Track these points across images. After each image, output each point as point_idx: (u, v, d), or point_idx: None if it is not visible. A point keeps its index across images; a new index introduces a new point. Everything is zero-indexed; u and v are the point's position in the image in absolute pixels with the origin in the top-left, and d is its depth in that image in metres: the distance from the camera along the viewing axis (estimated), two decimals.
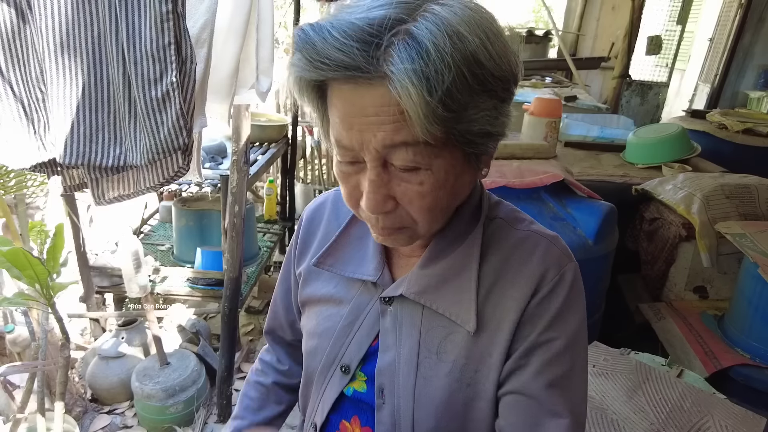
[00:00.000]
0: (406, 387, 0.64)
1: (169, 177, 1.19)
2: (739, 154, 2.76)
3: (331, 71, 0.49)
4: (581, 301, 0.64)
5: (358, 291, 0.71)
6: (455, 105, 0.49)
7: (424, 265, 0.65)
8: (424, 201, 0.55)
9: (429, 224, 0.59)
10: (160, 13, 1.00)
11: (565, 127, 3.01)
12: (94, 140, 1.12)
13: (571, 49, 5.83)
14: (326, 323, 0.72)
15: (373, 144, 0.52)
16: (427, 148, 0.52)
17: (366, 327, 0.69)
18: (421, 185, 0.54)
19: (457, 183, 0.57)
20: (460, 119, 0.50)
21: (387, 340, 0.66)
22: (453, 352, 0.63)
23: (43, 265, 1.50)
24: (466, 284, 0.63)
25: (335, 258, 0.72)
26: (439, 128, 0.49)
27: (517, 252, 0.64)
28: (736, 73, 4.98)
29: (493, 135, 0.55)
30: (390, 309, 0.66)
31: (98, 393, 2.22)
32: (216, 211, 2.60)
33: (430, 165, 0.53)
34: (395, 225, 0.58)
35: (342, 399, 0.71)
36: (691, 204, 1.99)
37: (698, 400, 1.34)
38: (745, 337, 1.75)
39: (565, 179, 1.81)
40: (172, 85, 1.05)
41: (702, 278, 2.08)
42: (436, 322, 0.64)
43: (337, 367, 0.70)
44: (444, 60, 0.46)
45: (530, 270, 0.62)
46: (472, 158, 0.57)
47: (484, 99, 0.51)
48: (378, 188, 0.55)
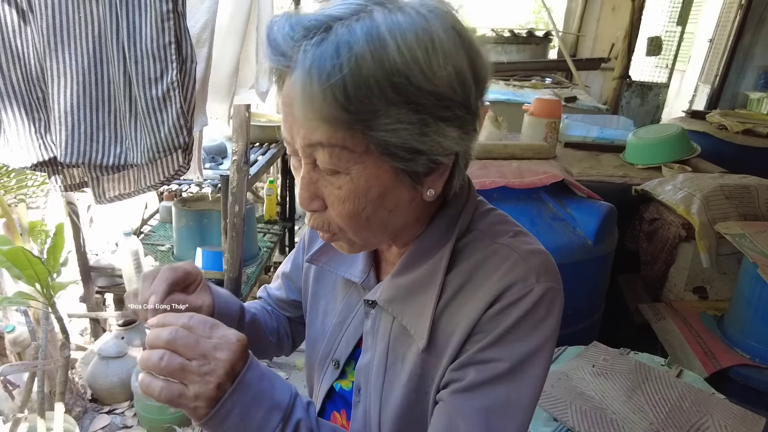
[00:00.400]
0: (376, 389, 0.65)
1: (170, 176, 1.19)
2: (739, 154, 2.77)
3: (273, 58, 0.50)
4: (544, 328, 0.56)
5: (349, 291, 0.73)
6: (354, 106, 0.47)
7: (395, 275, 0.64)
8: (343, 207, 0.54)
9: (357, 233, 0.57)
10: (160, 12, 1.01)
11: (564, 128, 3.01)
12: (94, 139, 1.13)
13: (571, 50, 5.84)
14: (325, 317, 0.75)
15: (297, 141, 0.52)
16: (344, 152, 0.50)
17: (353, 327, 0.70)
18: (339, 189, 0.53)
19: (387, 198, 0.54)
20: (370, 125, 0.48)
21: (367, 342, 0.67)
22: (411, 362, 0.62)
23: (43, 265, 1.51)
24: (429, 298, 0.60)
25: (329, 256, 0.73)
26: (332, 127, 0.48)
27: (484, 265, 0.59)
28: (736, 74, 4.99)
29: (422, 152, 0.51)
30: (372, 312, 0.67)
31: (98, 393, 2.22)
32: (216, 212, 2.60)
33: (349, 170, 0.51)
34: (323, 227, 0.58)
35: (332, 393, 0.74)
36: (690, 204, 1.99)
37: (697, 399, 1.34)
38: (744, 337, 1.76)
39: (565, 179, 1.81)
40: (173, 84, 1.05)
41: (702, 279, 2.08)
42: (401, 332, 0.64)
43: (331, 362, 0.73)
44: (348, 55, 0.45)
45: (491, 285, 0.57)
46: (404, 174, 0.53)
47: (403, 110, 0.48)
48: (306, 185, 0.55)
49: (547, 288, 0.56)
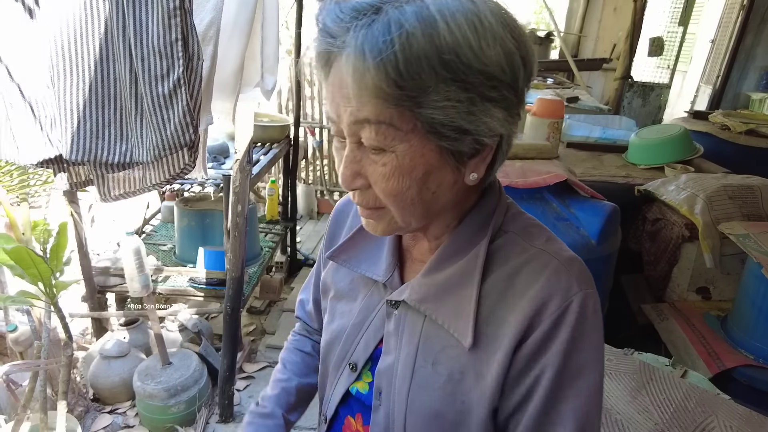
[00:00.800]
0: (401, 393, 0.63)
1: (175, 174, 1.19)
2: (741, 155, 2.76)
3: (323, 41, 0.51)
4: (596, 335, 0.58)
5: (369, 290, 0.71)
6: (405, 82, 0.48)
7: (427, 273, 0.64)
8: (387, 184, 0.55)
9: (401, 212, 0.57)
10: (167, 9, 1.00)
11: (567, 128, 3.01)
12: (100, 137, 1.12)
13: (572, 51, 5.83)
14: (341, 320, 0.73)
15: (344, 118, 0.53)
16: (390, 129, 0.51)
17: (373, 328, 0.69)
18: (384, 167, 0.54)
19: (429, 178, 0.55)
20: (419, 101, 0.49)
21: (389, 344, 0.66)
22: (448, 365, 0.61)
23: (46, 264, 1.51)
24: (466, 297, 0.60)
25: (349, 254, 0.73)
26: (390, 102, 0.49)
27: (524, 271, 0.59)
28: (738, 75, 4.98)
29: (468, 132, 0.52)
30: (395, 312, 0.66)
31: (100, 392, 2.22)
32: (218, 211, 2.60)
33: (394, 148, 0.53)
34: (369, 204, 0.58)
35: (347, 397, 0.72)
36: (694, 204, 1.99)
37: (702, 400, 1.33)
38: (748, 338, 1.75)
39: (569, 179, 1.81)
40: (179, 81, 1.05)
41: (705, 279, 2.07)
42: (434, 332, 0.63)
43: (347, 365, 0.71)
44: (401, 32, 0.47)
45: (533, 294, 0.57)
46: (448, 155, 0.54)
47: (453, 88, 0.49)
48: (350, 163, 0.56)
49: (585, 295, 0.57)
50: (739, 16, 4.81)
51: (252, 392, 2.38)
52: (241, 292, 2.15)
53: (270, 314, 3.01)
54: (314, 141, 4.36)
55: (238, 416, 2.22)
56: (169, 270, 2.56)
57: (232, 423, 2.18)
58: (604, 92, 5.71)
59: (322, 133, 4.35)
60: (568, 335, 0.56)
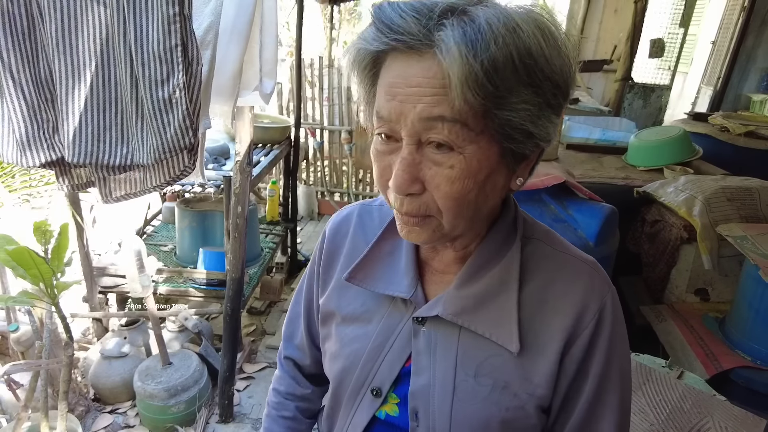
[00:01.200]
0: (442, 410, 0.62)
1: (175, 176, 1.20)
2: (740, 156, 2.76)
3: (390, 38, 0.51)
4: (624, 327, 0.64)
5: (388, 309, 0.68)
6: (498, 81, 0.49)
7: (460, 285, 0.63)
8: (452, 187, 0.54)
9: (453, 217, 0.56)
10: (167, 15, 1.02)
11: (566, 130, 3.02)
12: (101, 140, 1.14)
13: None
14: (354, 344, 0.69)
15: (411, 116, 0.52)
16: (464, 129, 0.52)
17: (398, 348, 0.66)
18: (451, 169, 0.53)
19: (488, 181, 0.56)
20: (501, 102, 0.51)
21: (420, 362, 0.64)
22: (492, 375, 0.61)
23: (47, 265, 1.52)
24: (506, 305, 0.61)
25: (365, 273, 0.69)
26: (479, 100, 0.50)
27: (560, 277, 0.63)
28: (739, 76, 4.98)
29: (533, 136, 0.54)
30: (423, 330, 0.64)
31: (101, 392, 2.23)
32: (219, 212, 2.61)
33: (464, 149, 0.53)
34: (420, 211, 0.56)
35: (374, 422, 0.69)
36: (692, 206, 2.00)
37: (698, 401, 1.34)
38: (746, 339, 1.75)
39: (566, 181, 1.82)
40: (179, 86, 1.06)
41: (703, 280, 2.08)
42: (473, 344, 0.62)
43: (368, 390, 0.68)
44: (493, 34, 0.49)
45: (573, 298, 0.61)
46: (509, 157, 0.56)
47: (529, 92, 0.51)
48: (408, 167, 0.54)
49: (613, 293, 0.63)
50: (739, 18, 4.81)
51: (252, 392, 2.39)
52: (241, 293, 2.16)
53: (270, 315, 3.02)
54: (315, 142, 4.37)
55: (238, 416, 2.23)
56: (169, 271, 2.58)
57: (231, 423, 2.19)
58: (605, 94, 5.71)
59: (323, 135, 4.36)
60: (609, 332, 0.61)
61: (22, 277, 1.53)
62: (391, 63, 0.54)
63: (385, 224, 0.72)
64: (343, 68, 2.38)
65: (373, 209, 0.76)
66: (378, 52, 0.54)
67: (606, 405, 0.62)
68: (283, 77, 4.39)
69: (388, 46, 0.52)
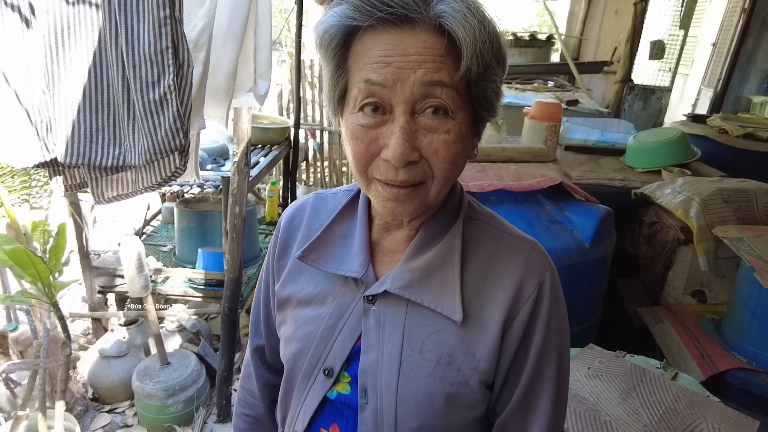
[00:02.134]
0: (389, 386, 0.63)
1: (167, 177, 1.21)
2: (738, 158, 2.77)
3: (379, 9, 0.54)
4: (563, 304, 0.67)
5: (340, 290, 0.69)
6: (495, 52, 0.57)
7: (408, 259, 0.66)
8: (449, 151, 0.58)
9: (443, 183, 0.61)
10: (158, 17, 1.03)
11: (565, 131, 3.02)
12: (94, 141, 1.15)
13: (573, 54, 5.85)
14: (307, 327, 0.70)
15: (410, 81, 0.55)
16: (457, 96, 0.57)
17: (349, 327, 0.67)
18: (447, 133, 0.57)
19: (468, 146, 0.62)
20: (486, 72, 0.57)
21: (369, 340, 0.65)
22: (437, 350, 0.63)
23: (45, 264, 1.53)
24: (449, 276, 0.64)
25: (318, 254, 0.70)
26: (479, 69, 0.55)
27: (501, 253, 0.66)
28: (739, 78, 4.98)
29: (494, 107, 0.61)
30: (373, 308, 0.66)
31: (99, 392, 2.24)
32: (218, 213, 2.62)
33: (456, 114, 0.57)
34: (417, 178, 0.59)
35: (324, 404, 0.69)
36: (689, 208, 2.00)
37: (692, 402, 1.34)
38: (742, 341, 1.75)
39: (563, 182, 1.82)
40: (169, 88, 1.07)
41: (700, 282, 2.08)
42: (420, 321, 0.64)
43: (320, 371, 0.68)
44: (482, 14, 0.56)
45: (514, 273, 0.64)
46: (479, 125, 0.63)
47: (498, 67, 0.58)
48: (407, 135, 0.56)
49: (553, 270, 0.67)
50: (740, 20, 4.81)
51: None
52: (239, 293, 2.16)
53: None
54: (315, 143, 4.38)
55: None
56: (168, 271, 2.59)
57: (229, 423, 2.19)
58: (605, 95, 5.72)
59: (323, 136, 4.37)
60: (548, 308, 0.64)
61: (20, 277, 1.54)
62: (374, 36, 0.56)
63: (338, 209, 0.74)
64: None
65: (328, 197, 0.78)
66: (354, 27, 0.56)
67: (545, 380, 0.65)
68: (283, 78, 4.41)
69: (372, 20, 0.54)
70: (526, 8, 10.97)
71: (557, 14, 6.34)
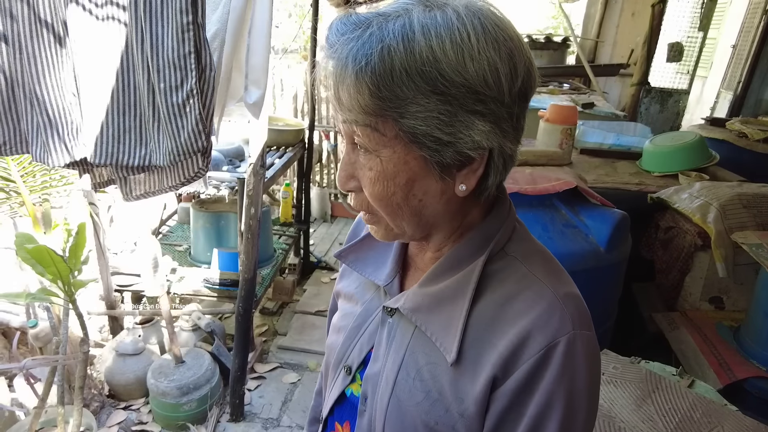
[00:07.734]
0: (382, 401, 0.63)
1: (190, 177, 1.25)
2: (759, 163, 2.72)
3: (323, 49, 0.54)
4: (582, 380, 0.54)
5: (371, 294, 0.71)
6: (386, 94, 0.50)
7: (423, 283, 0.63)
8: (373, 188, 0.56)
9: (391, 218, 0.59)
10: (181, 23, 1.05)
11: (581, 134, 3.00)
12: (121, 142, 1.19)
13: (589, 56, 5.79)
14: (343, 321, 0.74)
15: (339, 118, 0.56)
16: (375, 133, 0.53)
17: (369, 332, 0.69)
18: (370, 170, 0.56)
19: (414, 186, 0.56)
20: (400, 112, 0.51)
21: (379, 350, 0.66)
22: (428, 383, 0.60)
23: (65, 263, 1.56)
24: (457, 311, 0.59)
25: (357, 256, 0.74)
26: (369, 109, 0.51)
27: (519, 296, 0.57)
28: (760, 81, 4.88)
29: (449, 143, 0.52)
30: (390, 320, 0.66)
31: (115, 389, 2.28)
32: (233, 214, 2.65)
33: (379, 152, 0.55)
34: (362, 207, 0.61)
35: (342, 399, 0.72)
36: (707, 213, 1.97)
37: (709, 410, 1.32)
38: (761, 348, 1.73)
39: (578, 186, 1.81)
40: (192, 92, 1.10)
41: (718, 288, 2.05)
42: (421, 347, 0.62)
43: (343, 367, 0.71)
44: (378, 47, 0.50)
45: (523, 325, 0.55)
46: (432, 165, 0.54)
47: (433, 100, 0.50)
48: (345, 165, 0.59)
49: (580, 336, 0.55)
50: (761, 21, 4.72)
51: (262, 392, 2.41)
52: (254, 293, 2.18)
53: (282, 315, 3.05)
54: (328, 145, 4.40)
55: (249, 416, 2.25)
56: (184, 270, 2.62)
57: (242, 422, 2.21)
58: (621, 98, 5.66)
59: (337, 137, 4.39)
60: (555, 379, 0.53)
61: (40, 275, 1.58)
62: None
63: None
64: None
65: None
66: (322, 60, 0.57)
67: None
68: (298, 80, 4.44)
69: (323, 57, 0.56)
70: (541, 10, 10.91)
71: (573, 16, 6.28)
